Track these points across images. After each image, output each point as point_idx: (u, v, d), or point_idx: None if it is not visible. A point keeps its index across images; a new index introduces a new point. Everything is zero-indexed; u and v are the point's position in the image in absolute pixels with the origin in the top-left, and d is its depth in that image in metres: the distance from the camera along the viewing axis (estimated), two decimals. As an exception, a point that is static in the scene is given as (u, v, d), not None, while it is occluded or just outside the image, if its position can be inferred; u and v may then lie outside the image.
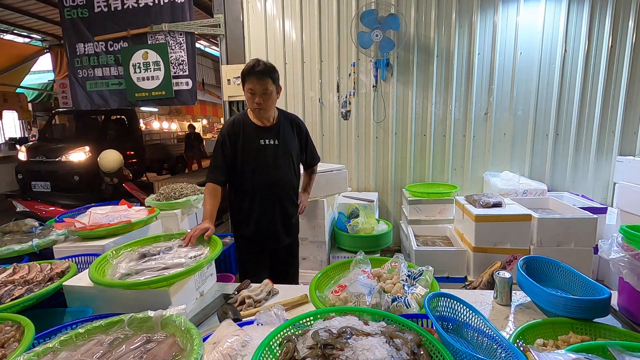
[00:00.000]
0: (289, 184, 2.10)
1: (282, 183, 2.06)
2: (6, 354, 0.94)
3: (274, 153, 2.02)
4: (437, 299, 1.09)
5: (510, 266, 2.53)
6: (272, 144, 2.02)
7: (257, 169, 2.01)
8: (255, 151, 2.00)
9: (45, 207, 4.11)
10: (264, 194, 2.03)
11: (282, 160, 2.05)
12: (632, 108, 3.54)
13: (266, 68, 1.87)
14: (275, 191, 2.05)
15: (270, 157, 2.02)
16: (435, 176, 3.99)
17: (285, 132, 2.08)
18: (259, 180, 2.02)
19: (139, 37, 4.18)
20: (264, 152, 2.01)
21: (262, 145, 2.01)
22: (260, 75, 1.85)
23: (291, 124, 2.13)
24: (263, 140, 2.01)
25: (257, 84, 1.87)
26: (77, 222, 2.01)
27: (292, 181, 2.12)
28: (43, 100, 9.59)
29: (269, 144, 2.02)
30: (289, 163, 2.08)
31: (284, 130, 2.07)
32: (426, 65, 3.80)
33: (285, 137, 2.06)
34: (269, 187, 2.03)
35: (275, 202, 2.07)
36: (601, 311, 1.09)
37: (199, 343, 0.88)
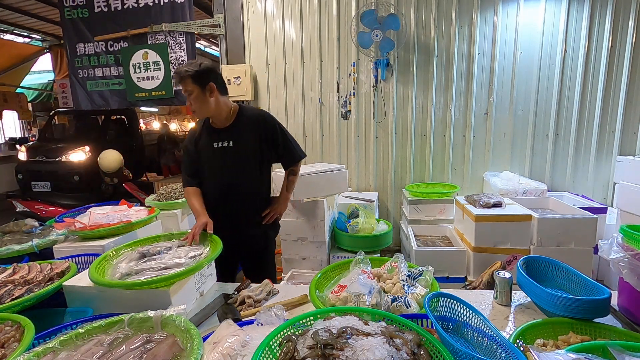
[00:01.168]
0: (243, 188, 1.95)
1: (237, 187, 1.93)
2: (6, 354, 0.94)
3: (228, 156, 1.91)
4: (437, 299, 1.09)
5: (510, 266, 2.53)
6: (225, 146, 1.91)
7: (211, 173, 1.95)
8: (209, 155, 1.94)
9: (45, 207, 4.11)
10: (219, 199, 1.95)
11: (237, 162, 1.92)
12: (632, 108, 3.54)
13: (187, 71, 1.77)
14: (229, 196, 1.94)
15: (222, 161, 1.91)
16: (435, 176, 3.99)
17: (244, 132, 1.93)
18: (213, 185, 1.96)
19: (139, 37, 4.18)
20: (217, 155, 1.92)
21: (216, 149, 1.92)
22: (179, 78, 1.79)
23: (254, 122, 1.95)
24: (217, 142, 1.92)
25: (182, 85, 1.80)
26: (77, 222, 2.01)
27: (247, 185, 1.96)
28: (43, 100, 9.59)
29: (223, 147, 1.91)
30: (246, 165, 1.93)
31: (242, 130, 1.93)
32: (426, 65, 3.80)
33: (241, 138, 1.92)
34: (223, 192, 1.94)
35: (230, 208, 1.95)
36: (601, 311, 1.09)
37: (199, 343, 0.88)
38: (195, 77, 1.78)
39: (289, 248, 3.19)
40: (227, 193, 1.94)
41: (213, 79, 1.83)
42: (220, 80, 1.88)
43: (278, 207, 2.09)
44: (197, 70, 1.78)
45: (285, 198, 2.13)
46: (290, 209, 3.09)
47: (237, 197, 1.95)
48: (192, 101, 1.82)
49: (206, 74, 1.80)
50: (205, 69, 1.81)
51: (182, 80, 1.78)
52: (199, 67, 1.79)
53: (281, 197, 2.12)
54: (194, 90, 1.79)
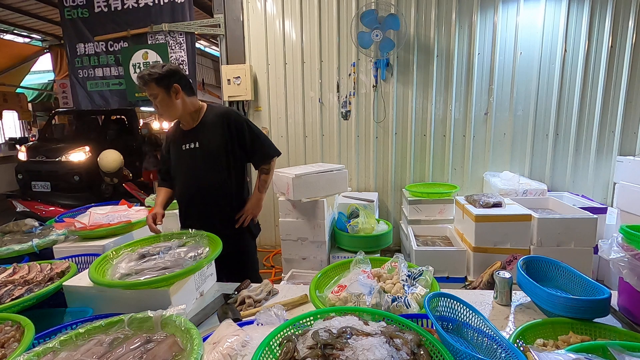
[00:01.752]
0: (212, 189, 1.91)
1: (205, 189, 1.91)
2: (6, 354, 0.94)
3: (193, 157, 1.89)
4: (437, 299, 1.09)
5: (510, 266, 2.53)
6: (191, 147, 1.89)
7: (179, 176, 1.96)
8: (177, 157, 1.94)
9: (45, 207, 4.11)
10: (190, 200, 1.95)
11: (202, 164, 1.89)
12: (632, 108, 3.55)
13: (150, 74, 1.75)
14: (198, 198, 1.92)
15: (190, 162, 1.90)
16: (435, 176, 3.99)
17: (208, 132, 1.89)
18: (181, 187, 1.96)
19: (139, 37, 4.18)
20: (184, 157, 1.91)
21: (183, 150, 1.91)
22: (143, 82, 1.77)
23: (219, 120, 1.90)
24: (185, 144, 1.91)
25: (146, 91, 1.79)
26: (77, 222, 2.01)
27: (216, 186, 1.92)
28: (43, 100, 9.59)
29: (189, 148, 1.90)
30: (212, 166, 1.89)
31: (207, 130, 1.90)
32: (426, 65, 3.80)
33: (206, 138, 1.88)
34: (192, 194, 1.93)
35: (196, 209, 1.94)
36: (601, 311, 1.09)
37: (199, 343, 0.88)
38: (159, 79, 1.76)
39: (289, 248, 3.19)
40: (196, 194, 1.93)
41: (177, 80, 1.81)
42: (185, 81, 1.86)
43: (250, 209, 2.00)
44: (161, 73, 1.76)
45: (257, 199, 2.03)
46: (290, 209, 3.09)
47: (206, 198, 1.92)
48: (158, 105, 1.81)
49: (170, 75, 1.78)
50: (169, 71, 1.79)
51: (146, 84, 1.77)
52: (161, 69, 1.77)
53: (253, 197, 2.04)
54: (159, 94, 1.78)
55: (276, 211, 4.17)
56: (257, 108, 4.21)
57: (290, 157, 4.23)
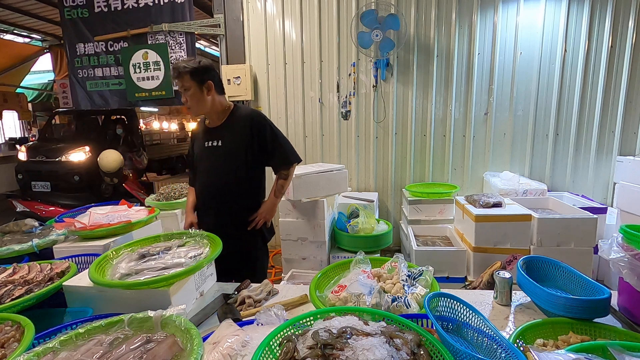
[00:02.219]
0: (229, 189, 1.92)
1: (219, 188, 1.92)
2: (6, 354, 0.94)
3: (214, 155, 1.91)
4: (437, 299, 1.09)
5: (510, 266, 2.53)
6: (214, 145, 1.91)
7: (200, 173, 1.98)
8: (201, 154, 1.96)
9: (45, 207, 4.11)
10: (205, 198, 1.98)
11: (223, 163, 1.90)
12: (632, 108, 3.55)
13: (186, 67, 1.78)
14: (216, 196, 1.94)
15: (211, 160, 1.92)
16: (435, 176, 3.99)
17: (233, 132, 1.90)
18: (203, 184, 1.98)
19: (139, 37, 4.18)
20: (207, 155, 1.93)
21: (207, 148, 1.93)
22: (177, 73, 1.79)
23: (243, 121, 1.91)
24: (208, 142, 1.93)
25: (178, 82, 1.82)
26: (77, 222, 2.01)
27: (233, 186, 1.92)
28: (43, 100, 9.58)
29: (213, 146, 1.92)
30: (232, 166, 1.90)
31: (232, 130, 1.91)
32: (426, 65, 3.80)
33: (230, 137, 1.90)
34: (211, 192, 1.95)
35: (211, 208, 1.96)
36: (601, 311, 1.09)
37: (199, 343, 0.88)
38: (194, 73, 1.78)
39: (289, 248, 3.19)
40: (214, 193, 1.94)
41: (211, 77, 1.84)
42: (217, 79, 1.89)
43: (265, 212, 2.00)
44: (196, 67, 1.78)
45: (272, 203, 2.03)
46: (290, 209, 3.10)
47: (222, 196, 1.93)
48: (188, 98, 1.82)
49: (205, 71, 1.81)
50: (205, 67, 1.82)
51: (180, 75, 1.79)
52: (198, 64, 1.80)
53: (268, 201, 2.03)
54: (192, 87, 1.80)
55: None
56: (257, 108, 4.21)
57: (290, 157, 4.22)
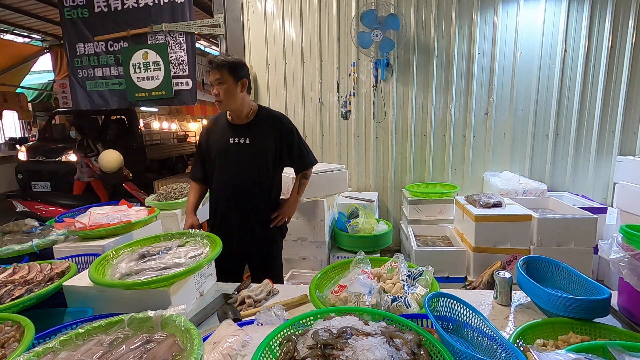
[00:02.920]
0: (255, 187, 1.95)
1: (245, 185, 1.94)
2: (6, 354, 0.94)
3: (242, 152, 1.92)
4: (437, 299, 1.09)
5: (510, 266, 2.53)
6: (241, 142, 1.92)
7: (222, 168, 1.96)
8: (223, 149, 1.94)
9: (45, 207, 4.11)
10: (226, 194, 1.97)
11: (250, 160, 1.92)
12: (632, 108, 3.55)
13: (225, 60, 1.80)
14: (236, 193, 1.94)
15: (237, 157, 1.92)
16: (435, 176, 3.99)
17: (260, 130, 1.94)
18: (223, 180, 1.97)
19: (139, 37, 4.17)
20: (231, 151, 1.93)
21: (231, 144, 1.92)
22: (217, 66, 1.80)
23: (271, 122, 1.97)
24: (233, 138, 1.92)
25: (213, 74, 1.82)
26: (77, 222, 2.01)
27: (259, 184, 1.96)
28: (43, 100, 9.58)
29: (238, 143, 1.92)
30: (259, 164, 1.94)
31: (259, 128, 1.94)
32: (426, 65, 3.80)
33: (258, 136, 1.92)
34: (231, 188, 1.95)
35: (236, 205, 1.96)
36: (601, 311, 1.09)
37: (199, 343, 0.88)
38: (233, 68, 1.82)
39: (289, 248, 3.19)
40: (239, 189, 1.95)
41: (246, 75, 1.89)
42: (249, 79, 1.93)
43: (287, 210, 2.08)
44: (235, 62, 1.83)
45: (294, 201, 2.11)
46: (290, 209, 3.09)
47: (247, 194, 1.95)
48: (222, 91, 1.82)
49: (242, 68, 1.87)
50: (243, 63, 1.87)
51: (219, 67, 1.80)
52: (236, 59, 1.85)
53: (291, 199, 2.10)
54: (227, 81, 1.82)
55: (276, 211, 4.17)
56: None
57: (290, 157, 4.22)
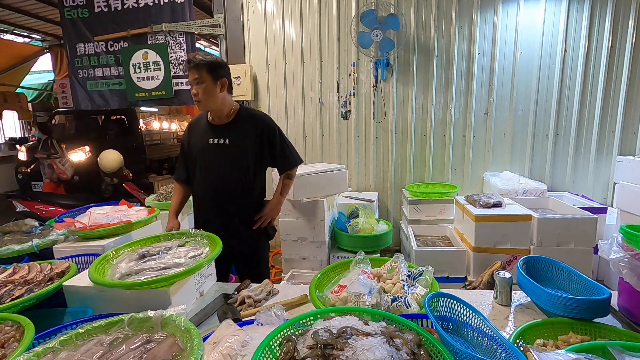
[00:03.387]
0: (237, 188, 1.93)
1: (226, 186, 1.92)
2: (6, 354, 0.94)
3: (222, 153, 1.90)
4: (437, 299, 1.09)
5: (510, 266, 2.53)
6: (221, 143, 1.90)
7: (203, 169, 1.95)
8: (203, 150, 1.93)
9: (45, 207, 4.11)
10: (208, 195, 1.95)
11: (230, 161, 1.90)
12: (632, 108, 3.55)
13: (203, 60, 1.78)
14: (218, 194, 1.93)
15: (217, 157, 1.90)
16: (435, 176, 3.99)
17: (241, 130, 1.91)
18: (204, 181, 1.96)
19: (139, 37, 4.18)
20: (211, 152, 1.91)
21: (211, 145, 1.91)
22: (195, 65, 1.78)
23: (252, 122, 1.94)
24: (213, 139, 1.91)
25: (192, 73, 1.80)
26: (77, 222, 2.01)
27: (241, 185, 1.93)
28: (43, 100, 9.57)
29: (218, 143, 1.90)
30: (239, 165, 1.91)
31: (240, 128, 1.91)
32: (426, 65, 3.80)
33: (238, 136, 1.90)
34: (213, 189, 1.93)
35: (218, 206, 1.94)
36: (601, 311, 1.09)
37: (199, 343, 0.88)
38: (212, 67, 1.80)
39: (289, 248, 3.19)
40: (220, 191, 1.93)
41: (226, 75, 1.86)
42: (230, 78, 1.90)
43: (270, 212, 2.04)
44: (214, 62, 1.81)
45: (278, 202, 2.07)
46: (290, 209, 3.10)
47: (228, 195, 1.93)
48: (200, 91, 1.81)
49: (221, 67, 1.84)
50: (222, 63, 1.85)
51: (197, 67, 1.78)
52: (215, 59, 1.83)
53: (274, 200, 2.06)
54: (206, 81, 1.80)
55: (276, 211, 4.17)
56: (257, 108, 4.21)
57: (290, 157, 4.22)
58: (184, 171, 2.06)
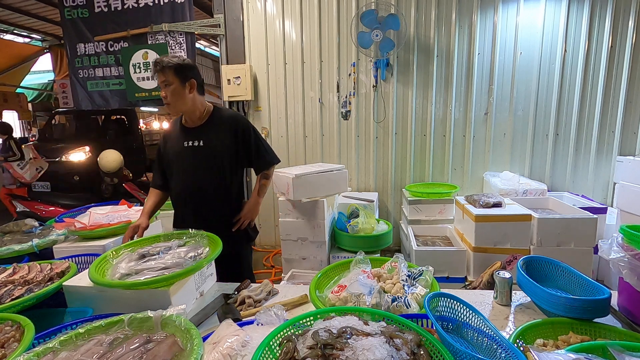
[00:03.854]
0: (213, 190, 1.91)
1: (202, 189, 1.90)
2: (6, 354, 0.94)
3: (196, 155, 1.88)
4: (437, 299, 1.09)
5: (510, 266, 2.53)
6: (195, 145, 1.88)
7: (179, 173, 1.93)
8: (178, 154, 1.92)
9: (45, 207, 4.11)
10: (184, 199, 1.94)
11: (205, 163, 1.88)
12: (632, 108, 3.55)
13: (170, 62, 1.77)
14: (198, 197, 1.91)
15: (192, 160, 1.89)
16: (435, 176, 3.99)
17: (214, 132, 1.89)
18: (180, 185, 1.94)
19: (139, 37, 4.18)
20: (187, 155, 1.89)
21: (185, 148, 1.89)
22: (162, 68, 1.77)
23: (226, 122, 1.91)
24: (187, 142, 1.89)
25: (160, 76, 1.79)
26: (77, 222, 2.01)
27: (216, 187, 1.92)
28: (43, 100, 9.58)
29: (192, 146, 1.88)
30: (214, 167, 1.89)
31: (213, 129, 1.90)
32: (426, 65, 3.80)
33: (212, 138, 1.88)
34: (192, 193, 1.92)
35: (195, 209, 1.92)
36: (601, 311, 1.09)
37: (199, 343, 0.88)
38: (178, 69, 1.78)
39: (289, 248, 3.19)
40: (194, 193, 1.92)
41: (194, 76, 1.84)
42: (199, 78, 1.88)
43: (248, 213, 2.00)
44: (181, 64, 1.79)
45: (254, 203, 2.02)
46: (290, 209, 3.09)
47: (204, 198, 1.91)
48: (169, 93, 1.80)
49: (189, 69, 1.82)
50: (189, 64, 1.82)
51: (163, 70, 1.77)
52: (182, 60, 1.81)
53: (251, 201, 2.02)
54: (174, 83, 1.79)
55: (276, 211, 4.17)
56: (257, 108, 4.21)
57: (290, 157, 4.23)
58: (160, 177, 2.03)
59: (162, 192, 2.05)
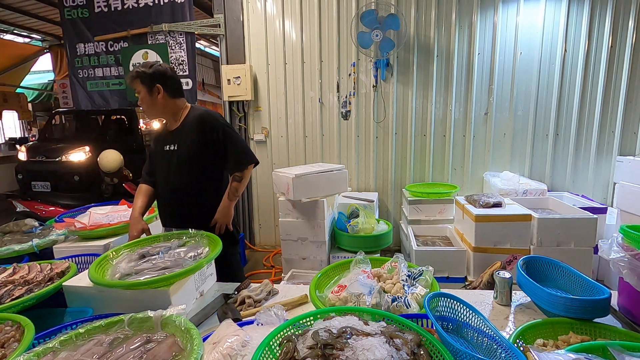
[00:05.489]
0: (190, 193, 1.90)
1: (180, 192, 1.90)
2: (6, 354, 0.94)
3: (172, 159, 1.89)
4: (437, 299, 1.09)
5: (510, 266, 2.53)
6: (171, 149, 1.89)
7: (159, 176, 1.96)
8: (158, 158, 1.96)
9: (45, 207, 4.11)
10: (165, 202, 1.97)
11: (180, 166, 1.88)
12: (632, 108, 3.55)
13: (134, 72, 1.82)
14: (174, 200, 1.92)
15: (169, 164, 1.90)
16: (435, 176, 3.99)
17: (187, 134, 1.88)
18: (161, 188, 1.96)
19: (139, 37, 4.18)
20: (164, 159, 1.92)
21: (164, 152, 1.91)
22: (130, 80, 1.84)
23: (196, 123, 1.87)
24: (166, 145, 1.91)
25: (132, 86, 1.87)
26: (77, 222, 2.01)
27: (192, 190, 1.90)
28: (43, 100, 9.58)
29: (169, 150, 1.90)
30: (186, 169, 1.88)
31: (186, 132, 1.89)
32: (426, 65, 3.80)
33: (184, 141, 1.88)
34: (169, 196, 1.94)
35: (175, 212, 1.94)
36: (601, 311, 1.09)
37: (199, 343, 0.88)
38: (143, 78, 1.82)
39: (289, 248, 3.19)
40: (172, 197, 1.93)
41: (161, 81, 1.83)
42: (170, 82, 1.87)
43: (220, 217, 1.93)
44: (145, 72, 1.81)
45: (224, 207, 1.93)
46: (290, 209, 3.09)
47: (181, 201, 1.92)
48: (140, 101, 1.87)
49: (155, 76, 1.82)
50: (155, 71, 1.83)
51: (132, 80, 1.84)
52: (148, 68, 1.82)
53: (222, 205, 1.94)
54: (141, 91, 1.84)
55: (276, 211, 4.17)
56: (257, 108, 4.21)
57: (290, 157, 4.23)
58: (150, 174, 2.04)
59: (152, 189, 2.03)
